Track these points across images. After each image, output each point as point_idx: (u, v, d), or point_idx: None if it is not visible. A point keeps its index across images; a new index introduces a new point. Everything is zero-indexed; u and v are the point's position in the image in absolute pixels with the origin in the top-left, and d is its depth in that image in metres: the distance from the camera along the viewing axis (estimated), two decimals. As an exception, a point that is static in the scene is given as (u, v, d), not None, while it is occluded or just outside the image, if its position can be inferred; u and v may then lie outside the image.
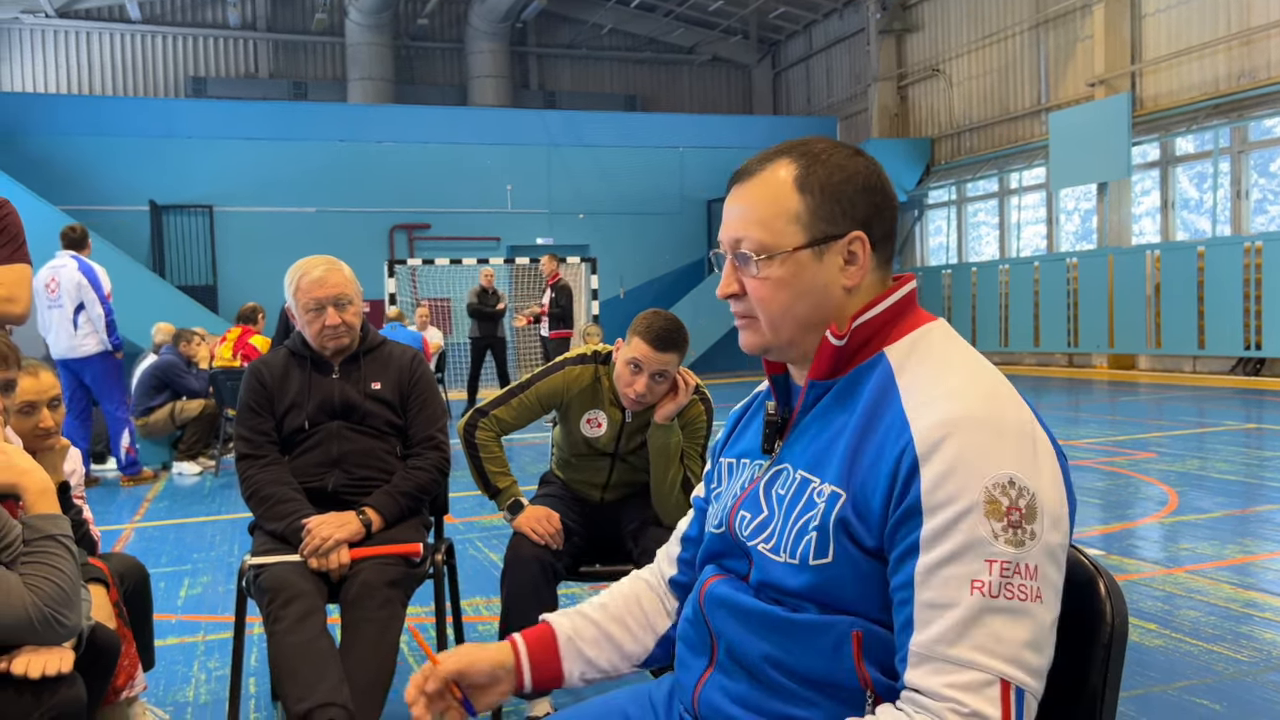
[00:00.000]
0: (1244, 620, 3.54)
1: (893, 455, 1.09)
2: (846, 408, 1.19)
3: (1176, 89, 13.81)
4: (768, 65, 24.08)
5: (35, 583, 1.77)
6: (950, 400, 1.10)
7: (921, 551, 1.05)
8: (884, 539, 1.10)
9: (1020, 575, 1.03)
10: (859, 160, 1.22)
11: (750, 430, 1.37)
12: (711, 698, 1.24)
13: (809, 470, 1.18)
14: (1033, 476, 1.06)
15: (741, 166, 1.26)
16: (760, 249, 1.20)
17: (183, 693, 3.15)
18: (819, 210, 1.19)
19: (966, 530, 1.04)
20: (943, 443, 1.07)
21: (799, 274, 1.20)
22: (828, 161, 1.21)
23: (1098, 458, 7.12)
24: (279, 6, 21.47)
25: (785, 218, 1.20)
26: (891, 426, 1.12)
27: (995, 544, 1.03)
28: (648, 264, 18.55)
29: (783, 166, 1.21)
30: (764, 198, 1.21)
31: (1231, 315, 12.50)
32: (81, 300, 6.88)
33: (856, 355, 1.21)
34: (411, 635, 3.58)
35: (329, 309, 2.70)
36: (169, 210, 16.21)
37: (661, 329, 2.65)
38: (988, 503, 1.04)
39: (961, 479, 1.05)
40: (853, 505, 1.12)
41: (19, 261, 2.80)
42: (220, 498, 6.77)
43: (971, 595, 1.03)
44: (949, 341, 1.20)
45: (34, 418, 2.37)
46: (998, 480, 1.05)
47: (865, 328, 1.20)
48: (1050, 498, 1.07)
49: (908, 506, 1.07)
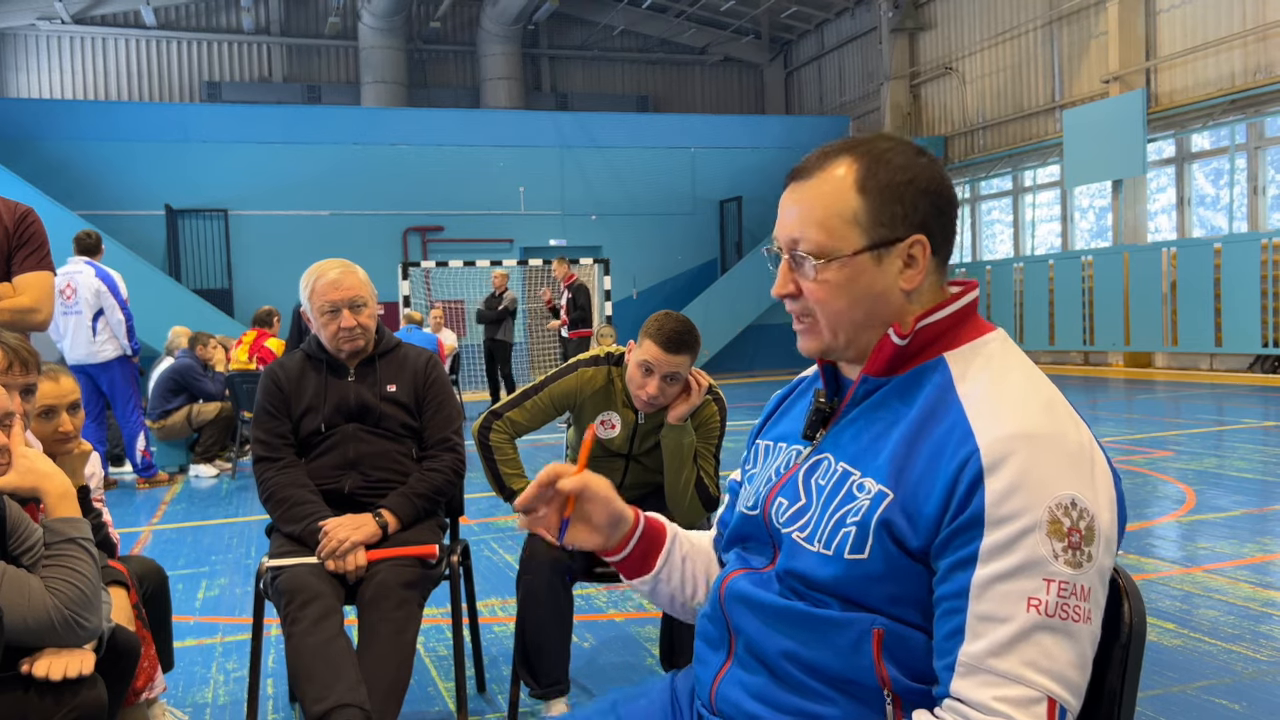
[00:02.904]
0: (1263, 619, 3.52)
1: (954, 463, 1.08)
2: (900, 407, 1.18)
3: (1192, 85, 13.72)
4: (780, 65, 24.04)
5: (56, 585, 1.79)
6: (1014, 414, 1.09)
7: (979, 563, 1.05)
8: (933, 544, 1.09)
9: (1076, 596, 1.04)
10: (921, 160, 1.20)
11: (791, 414, 1.36)
12: (729, 693, 1.24)
13: (851, 463, 1.18)
14: (1092, 499, 1.07)
15: (800, 163, 1.23)
16: (819, 251, 1.18)
17: (202, 694, 3.17)
18: (880, 213, 1.17)
19: (1028, 548, 1.04)
20: (1009, 457, 1.06)
21: (857, 278, 1.18)
22: (890, 162, 1.18)
23: (1115, 456, 7.08)
24: (292, 11, 21.58)
25: (844, 219, 1.17)
26: (952, 433, 1.11)
27: (1055, 564, 1.04)
28: (661, 264, 18.55)
29: (843, 165, 1.19)
30: (823, 198, 1.19)
31: (1249, 312, 12.40)
32: (101, 306, 6.93)
33: (915, 357, 1.20)
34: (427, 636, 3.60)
35: (344, 311, 2.71)
36: (184, 214, 16.31)
37: (673, 331, 2.65)
38: (1050, 522, 1.04)
39: (1027, 496, 1.05)
40: (901, 507, 1.11)
41: (43, 270, 2.83)
42: (237, 500, 6.81)
43: (1028, 612, 1.03)
44: (1007, 352, 1.19)
45: (54, 422, 2.39)
46: (1061, 501, 1.05)
47: (928, 330, 1.19)
48: (1106, 521, 1.08)
49: (969, 517, 1.06)
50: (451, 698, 3.05)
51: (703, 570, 1.45)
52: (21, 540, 1.90)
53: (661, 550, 1.43)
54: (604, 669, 3.27)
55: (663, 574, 1.42)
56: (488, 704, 3.01)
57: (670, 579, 1.43)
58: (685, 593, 1.44)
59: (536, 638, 2.65)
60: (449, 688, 3.14)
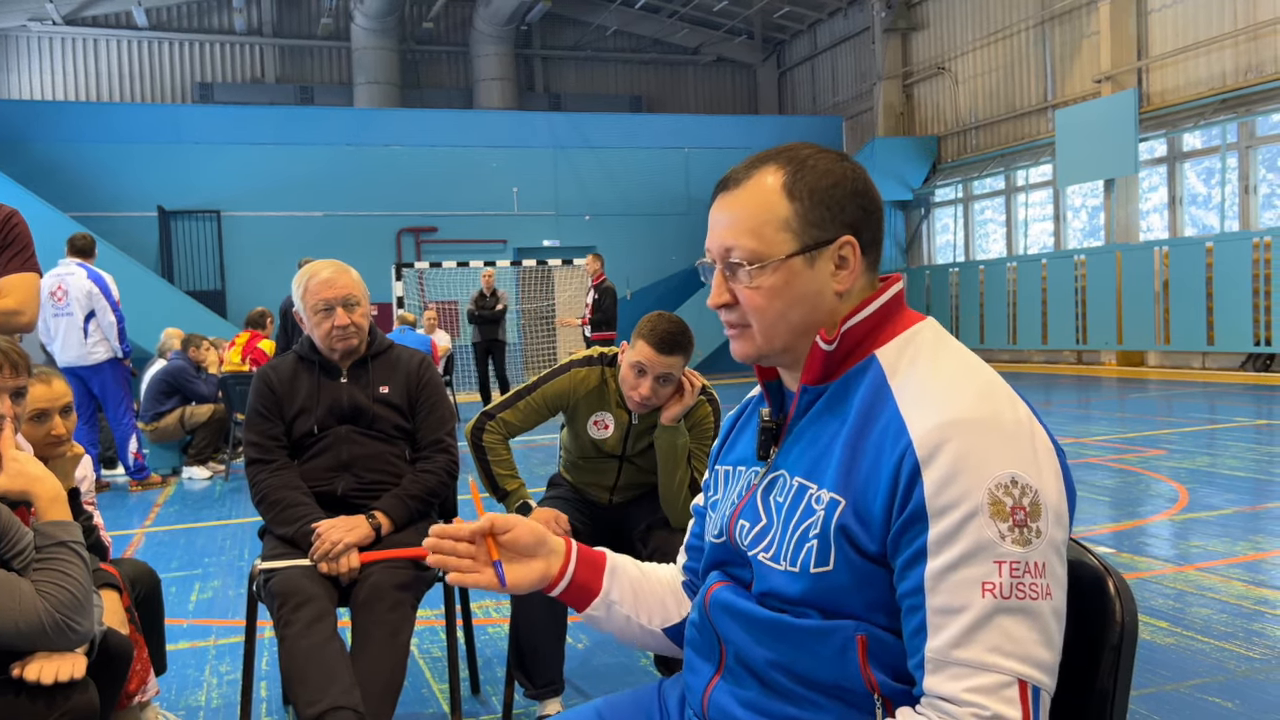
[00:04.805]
0: (1256, 618, 3.53)
1: (892, 459, 1.09)
2: (840, 412, 1.18)
3: (1183, 85, 13.76)
4: (772, 65, 24.07)
5: (47, 589, 1.78)
6: (946, 401, 1.10)
7: (929, 557, 1.05)
8: (887, 544, 1.09)
9: (1030, 574, 1.04)
10: (845, 165, 1.22)
11: (744, 437, 1.37)
12: (721, 702, 1.24)
13: (805, 477, 1.18)
14: (1034, 474, 1.07)
15: (726, 175, 1.25)
16: (752, 257, 1.19)
17: (194, 697, 3.16)
18: (809, 216, 1.19)
19: (973, 533, 1.04)
20: (943, 445, 1.06)
21: (791, 281, 1.19)
22: (815, 167, 1.20)
23: (1107, 455, 7.10)
24: (285, 12, 21.53)
25: (775, 225, 1.19)
26: (888, 429, 1.11)
27: (1003, 544, 1.04)
28: (654, 265, 18.56)
29: (770, 173, 1.21)
30: (753, 205, 1.20)
31: (1241, 311, 12.45)
32: (92, 308, 6.91)
33: (847, 359, 1.21)
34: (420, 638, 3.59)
35: (338, 310, 2.71)
36: (177, 216, 16.28)
37: (665, 332, 2.64)
38: (992, 504, 1.04)
39: (964, 482, 1.05)
40: (853, 511, 1.11)
41: (28, 271, 2.82)
42: (230, 502, 6.79)
43: (983, 598, 1.03)
44: (939, 341, 1.21)
45: (46, 425, 2.38)
46: (1000, 480, 1.05)
47: (855, 331, 1.20)
48: (1052, 493, 1.07)
49: (911, 512, 1.07)
50: (446, 699, 3.05)
51: (665, 590, 1.45)
52: (12, 544, 1.89)
53: (604, 570, 1.42)
54: (598, 670, 3.27)
55: (613, 594, 1.41)
56: (482, 705, 3.00)
57: (623, 601, 1.42)
58: (642, 616, 1.43)
59: (531, 639, 2.65)
60: (443, 689, 3.14)
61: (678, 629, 1.44)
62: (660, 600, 1.45)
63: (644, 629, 1.43)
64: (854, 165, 1.23)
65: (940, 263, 18.85)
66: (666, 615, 1.44)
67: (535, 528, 1.37)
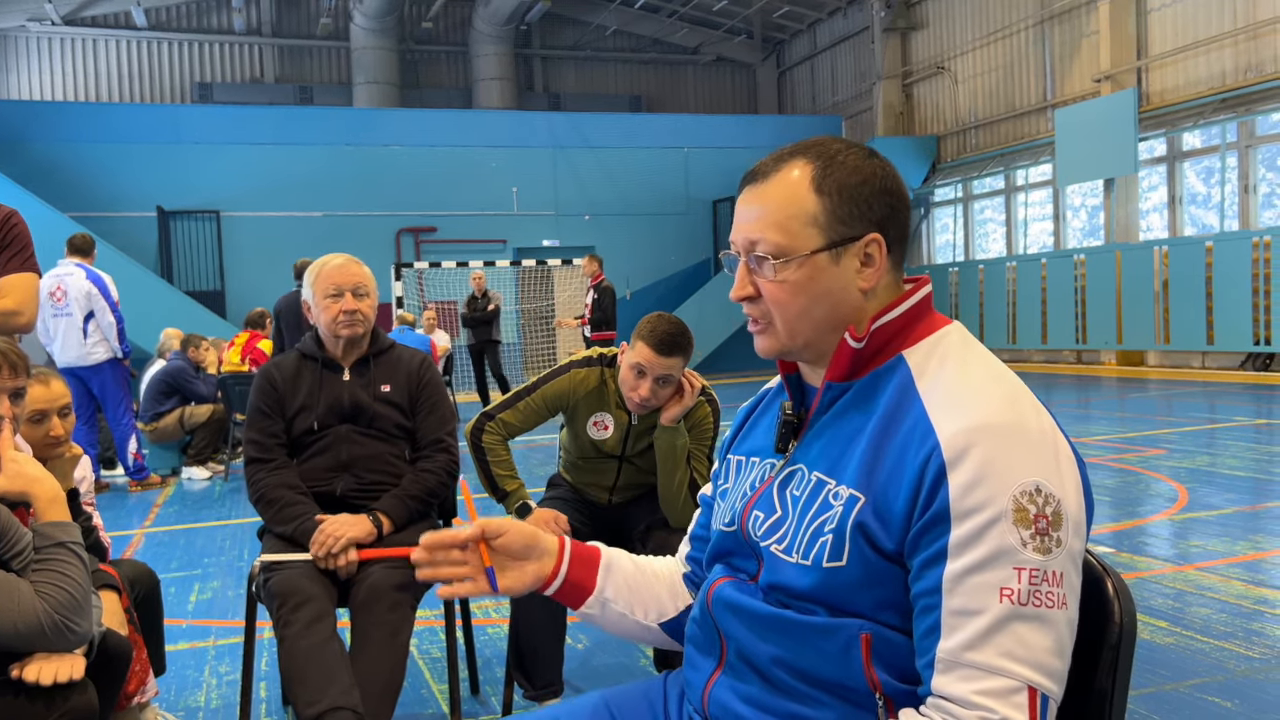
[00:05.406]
0: (1255, 617, 3.53)
1: (918, 460, 1.09)
2: (865, 410, 1.18)
3: (1183, 84, 13.76)
4: (772, 65, 24.06)
5: (46, 590, 1.78)
6: (974, 406, 1.10)
7: (949, 558, 1.06)
8: (905, 544, 1.10)
9: (1048, 583, 1.04)
10: (874, 161, 1.22)
11: (760, 427, 1.37)
12: (721, 698, 1.24)
13: (825, 473, 1.18)
14: (1057, 484, 1.07)
15: (755, 167, 1.24)
16: (777, 252, 1.19)
17: (194, 698, 3.16)
18: (837, 212, 1.18)
19: (996, 538, 1.04)
20: (970, 449, 1.07)
21: (816, 277, 1.19)
22: (844, 163, 1.20)
23: (1107, 455, 7.10)
24: (284, 11, 21.53)
25: (802, 220, 1.19)
26: (915, 430, 1.11)
27: (1024, 552, 1.04)
28: (654, 265, 18.56)
29: (798, 167, 1.20)
30: (780, 199, 1.20)
31: (1240, 310, 12.45)
32: (91, 309, 6.91)
33: (875, 358, 1.20)
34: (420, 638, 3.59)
35: (347, 294, 2.74)
36: (176, 216, 16.27)
37: (665, 333, 2.64)
38: (1016, 510, 1.05)
39: (990, 487, 1.05)
40: (873, 508, 1.11)
41: (27, 271, 2.82)
42: (230, 502, 6.79)
43: (1000, 602, 1.03)
44: (967, 345, 1.21)
45: (45, 426, 2.38)
46: (1025, 488, 1.05)
47: (884, 330, 1.20)
48: (1073, 504, 1.08)
49: (935, 513, 1.07)
50: (445, 700, 3.05)
51: (661, 585, 1.45)
52: (11, 545, 1.89)
53: (598, 567, 1.42)
54: (598, 670, 3.27)
55: (608, 591, 1.41)
56: (481, 706, 3.00)
57: (618, 597, 1.42)
58: (637, 612, 1.43)
59: (530, 639, 2.65)
60: (442, 690, 3.14)
61: (674, 623, 1.44)
62: (656, 595, 1.44)
63: (640, 624, 1.43)
64: (883, 162, 1.22)
65: (940, 262, 18.85)
66: (662, 610, 1.44)
67: (527, 531, 1.36)
